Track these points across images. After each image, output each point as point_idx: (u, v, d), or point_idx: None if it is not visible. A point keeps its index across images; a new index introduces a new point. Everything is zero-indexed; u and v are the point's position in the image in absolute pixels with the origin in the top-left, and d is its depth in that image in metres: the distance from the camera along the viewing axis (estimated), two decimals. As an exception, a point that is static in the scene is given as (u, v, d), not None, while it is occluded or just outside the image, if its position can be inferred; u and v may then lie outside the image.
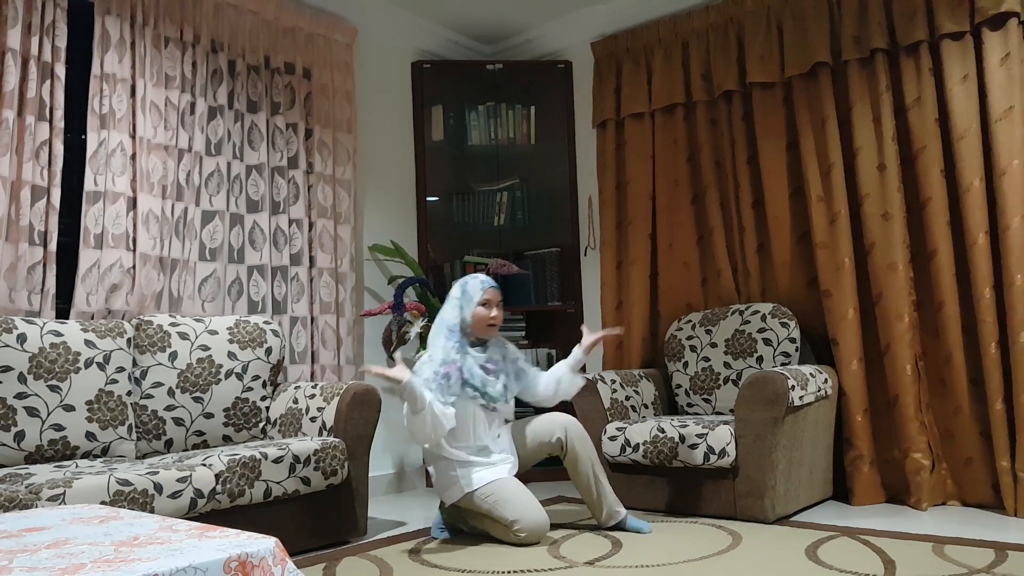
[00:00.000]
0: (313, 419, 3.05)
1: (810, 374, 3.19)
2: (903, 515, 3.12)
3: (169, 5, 3.31)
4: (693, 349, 3.73)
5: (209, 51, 3.46)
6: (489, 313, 2.88)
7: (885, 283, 3.33)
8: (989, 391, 3.07)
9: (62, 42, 2.97)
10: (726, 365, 3.60)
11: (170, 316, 3.07)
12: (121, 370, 2.86)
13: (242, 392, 3.11)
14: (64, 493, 2.17)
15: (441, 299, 4.07)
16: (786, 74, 3.62)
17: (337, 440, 2.88)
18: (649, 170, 4.11)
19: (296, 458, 2.72)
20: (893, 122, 3.36)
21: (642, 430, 3.25)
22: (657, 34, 4.09)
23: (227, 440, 3.08)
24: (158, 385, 2.93)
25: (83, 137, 3.08)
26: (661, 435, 3.18)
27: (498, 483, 2.79)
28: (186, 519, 2.40)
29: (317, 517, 2.85)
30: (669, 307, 4.04)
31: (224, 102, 3.50)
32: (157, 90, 3.24)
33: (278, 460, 2.67)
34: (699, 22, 3.94)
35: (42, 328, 2.70)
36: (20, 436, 2.57)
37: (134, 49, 3.20)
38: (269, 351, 3.22)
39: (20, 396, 2.59)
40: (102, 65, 3.09)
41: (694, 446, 3.10)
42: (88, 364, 2.77)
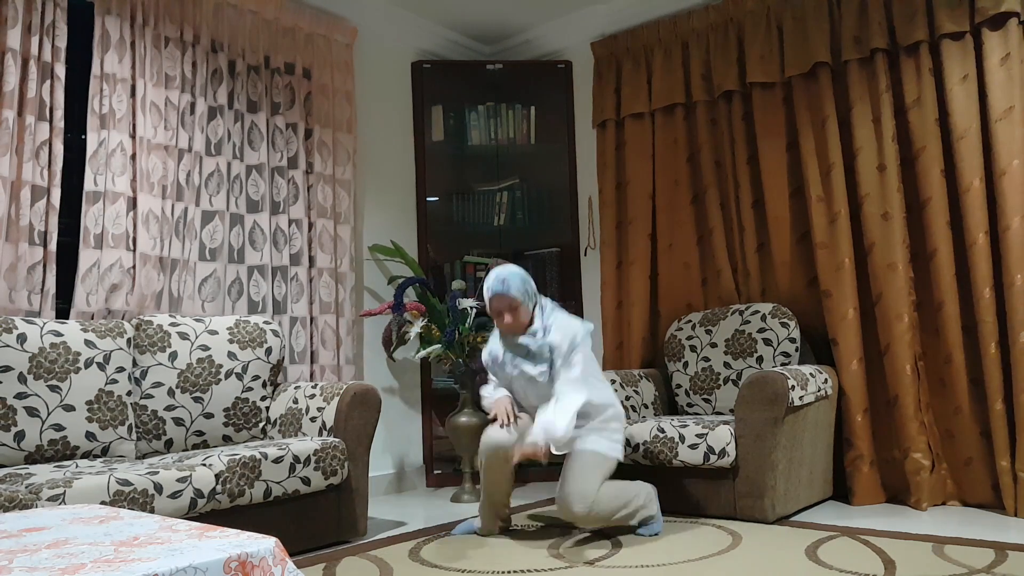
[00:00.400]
0: (313, 419, 3.05)
1: (810, 374, 3.19)
2: (903, 515, 3.12)
3: (169, 5, 3.31)
4: (693, 349, 3.73)
5: (209, 51, 3.45)
6: (501, 321, 2.92)
7: (885, 283, 3.33)
8: (989, 391, 3.07)
9: (62, 42, 2.97)
10: (726, 365, 3.60)
11: (170, 316, 3.07)
12: (121, 370, 2.86)
13: (242, 392, 3.11)
14: (64, 493, 2.17)
15: (441, 299, 4.07)
16: (786, 74, 3.62)
17: (337, 440, 2.88)
18: (649, 170, 4.11)
19: (296, 458, 2.72)
20: (893, 122, 3.36)
21: (642, 430, 3.25)
22: (657, 34, 4.09)
23: (227, 440, 3.08)
24: (158, 385, 2.92)
25: (83, 137, 3.08)
26: (661, 435, 3.18)
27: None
28: (186, 519, 2.40)
29: (317, 517, 2.85)
30: (669, 307, 4.04)
31: (224, 102, 3.50)
32: (157, 90, 3.24)
33: (278, 460, 2.67)
34: (699, 22, 3.94)
35: (42, 328, 2.70)
36: (20, 436, 2.57)
37: (134, 49, 3.20)
38: (269, 351, 3.22)
39: (20, 396, 2.59)
40: (102, 65, 3.09)
41: (694, 446, 3.10)
42: (88, 364, 2.77)
